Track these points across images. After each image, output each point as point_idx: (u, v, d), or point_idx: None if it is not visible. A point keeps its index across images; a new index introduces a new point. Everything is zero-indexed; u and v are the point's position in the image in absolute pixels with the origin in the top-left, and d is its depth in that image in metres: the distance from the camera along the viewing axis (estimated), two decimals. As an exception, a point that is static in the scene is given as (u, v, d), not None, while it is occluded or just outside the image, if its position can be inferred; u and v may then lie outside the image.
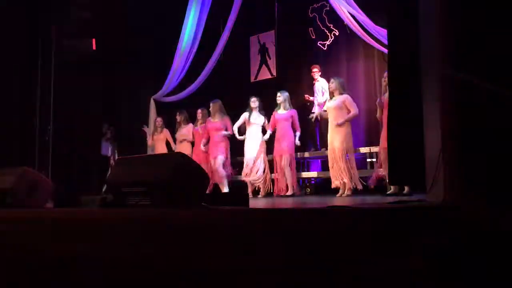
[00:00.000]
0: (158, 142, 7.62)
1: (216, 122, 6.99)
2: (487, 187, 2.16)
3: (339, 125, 5.61)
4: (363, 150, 6.25)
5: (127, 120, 8.23)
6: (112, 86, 7.83)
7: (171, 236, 2.18)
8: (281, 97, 6.48)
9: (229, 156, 6.99)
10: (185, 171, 3.20)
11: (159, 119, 7.73)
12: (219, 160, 6.85)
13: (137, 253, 2.09)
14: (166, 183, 3.10)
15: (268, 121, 6.69)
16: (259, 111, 6.77)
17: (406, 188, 4.84)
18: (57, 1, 6.77)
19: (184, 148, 7.13)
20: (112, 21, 7.41)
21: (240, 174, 6.93)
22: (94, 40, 7.13)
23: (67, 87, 6.70)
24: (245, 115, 6.81)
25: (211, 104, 7.09)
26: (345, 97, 5.73)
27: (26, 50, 6.60)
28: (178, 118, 7.45)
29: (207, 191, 4.15)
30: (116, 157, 7.84)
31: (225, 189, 6.77)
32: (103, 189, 7.11)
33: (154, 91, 8.16)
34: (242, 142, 6.85)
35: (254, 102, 6.74)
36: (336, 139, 5.66)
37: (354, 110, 5.66)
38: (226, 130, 6.92)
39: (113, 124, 8.14)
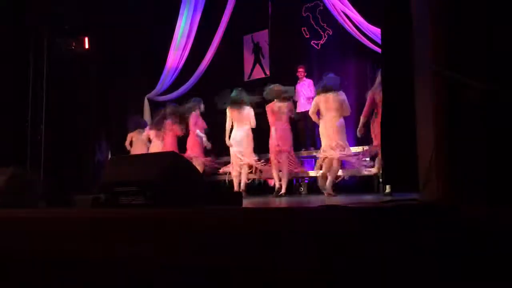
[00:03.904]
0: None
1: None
2: (480, 186, 2.17)
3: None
4: (354, 149, 6.23)
5: (120, 119, 8.19)
6: (105, 85, 7.79)
7: (164, 236, 2.17)
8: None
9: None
10: (178, 170, 3.19)
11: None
12: (197, 160, 6.82)
13: (131, 253, 2.08)
14: (159, 182, 3.09)
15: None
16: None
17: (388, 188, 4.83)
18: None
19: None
20: (106, 20, 7.38)
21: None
22: (87, 39, 7.09)
23: (59, 86, 6.67)
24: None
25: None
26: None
27: (18, 48, 6.55)
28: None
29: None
30: (109, 157, 7.80)
31: None
32: (96, 189, 7.07)
33: (148, 90, 8.14)
34: None
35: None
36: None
37: None
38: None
39: (106, 124, 8.11)
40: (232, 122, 6.48)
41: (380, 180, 5.54)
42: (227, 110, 6.46)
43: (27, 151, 6.40)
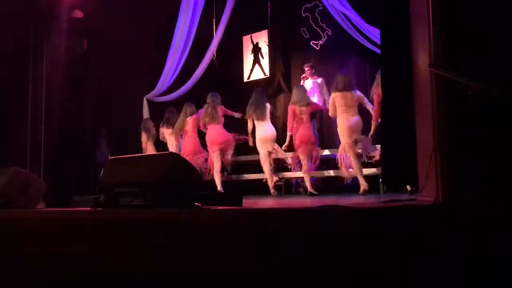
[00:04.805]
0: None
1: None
2: (480, 186, 2.17)
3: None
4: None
5: (120, 119, 8.19)
6: (105, 86, 7.79)
7: (164, 236, 2.17)
8: None
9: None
10: (178, 171, 3.19)
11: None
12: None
13: (131, 253, 2.08)
14: (158, 183, 3.09)
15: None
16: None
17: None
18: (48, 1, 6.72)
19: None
20: (105, 21, 7.38)
21: None
22: (86, 39, 7.09)
23: (59, 86, 6.67)
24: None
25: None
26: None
27: (18, 48, 6.55)
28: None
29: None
30: (109, 157, 7.79)
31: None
32: (96, 189, 7.06)
33: (148, 90, 8.14)
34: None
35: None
36: None
37: None
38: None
39: (106, 124, 8.11)
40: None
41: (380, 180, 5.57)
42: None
43: (27, 151, 6.40)
